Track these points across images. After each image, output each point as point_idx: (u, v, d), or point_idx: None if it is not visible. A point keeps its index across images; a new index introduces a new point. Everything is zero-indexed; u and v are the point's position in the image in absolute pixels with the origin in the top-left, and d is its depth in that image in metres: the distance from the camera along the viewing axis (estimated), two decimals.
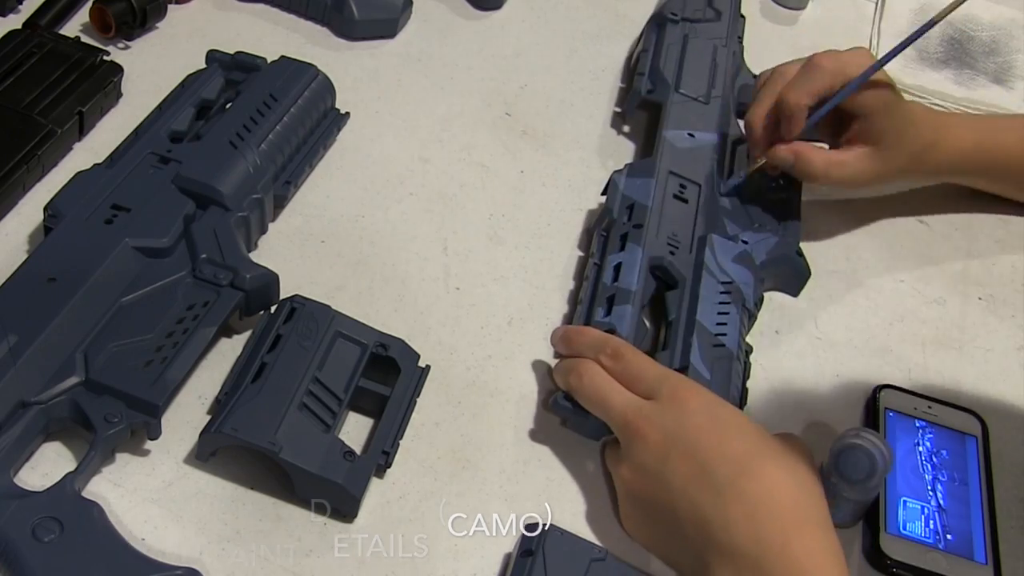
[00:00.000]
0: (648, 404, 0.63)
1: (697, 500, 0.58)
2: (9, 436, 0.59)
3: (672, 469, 0.60)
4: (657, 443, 0.61)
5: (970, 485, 0.69)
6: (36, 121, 0.77)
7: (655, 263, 0.74)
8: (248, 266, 0.68)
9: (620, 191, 0.79)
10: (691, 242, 0.76)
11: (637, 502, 0.63)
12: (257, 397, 0.62)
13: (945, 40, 1.08)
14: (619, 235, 0.76)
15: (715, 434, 0.60)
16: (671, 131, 0.84)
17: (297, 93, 0.80)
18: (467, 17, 1.00)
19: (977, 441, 0.72)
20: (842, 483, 0.64)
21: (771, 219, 0.80)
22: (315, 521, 0.62)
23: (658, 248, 0.75)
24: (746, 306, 0.73)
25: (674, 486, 0.59)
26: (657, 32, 0.95)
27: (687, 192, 0.80)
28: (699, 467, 0.59)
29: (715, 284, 0.73)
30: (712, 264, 0.74)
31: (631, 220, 0.76)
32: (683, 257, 0.75)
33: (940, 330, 0.81)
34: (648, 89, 0.89)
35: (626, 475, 0.63)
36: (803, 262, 0.79)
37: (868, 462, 0.63)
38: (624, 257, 0.74)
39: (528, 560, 0.59)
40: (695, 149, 0.83)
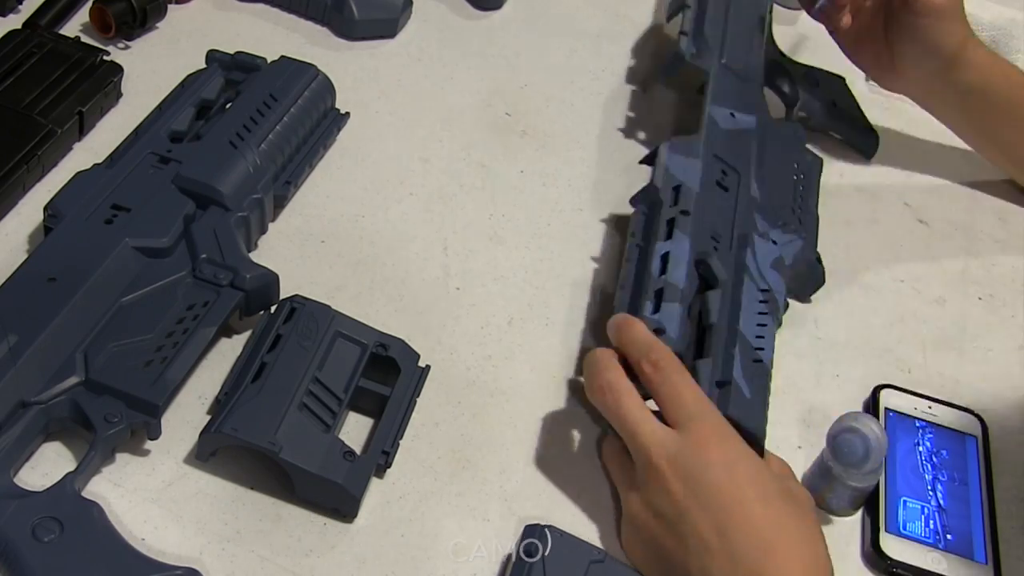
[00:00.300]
0: (672, 440, 0.61)
1: (710, 567, 0.57)
2: (9, 436, 0.59)
3: (690, 526, 0.58)
4: (677, 493, 0.59)
5: (970, 485, 0.69)
6: (36, 121, 0.77)
7: (699, 258, 0.70)
8: (248, 266, 0.69)
9: (666, 168, 0.74)
10: (731, 238, 0.72)
11: (644, 538, 0.61)
12: (257, 397, 0.62)
13: None
14: (666, 220, 0.72)
15: (737, 498, 0.59)
16: (716, 107, 0.78)
17: (297, 93, 0.80)
18: (467, 17, 1.00)
19: (977, 441, 0.72)
20: (838, 466, 0.65)
21: (791, 214, 0.77)
22: (315, 521, 0.62)
23: (703, 241, 0.71)
24: (777, 317, 0.70)
25: (689, 544, 0.58)
26: None
27: (728, 180, 0.75)
28: (718, 533, 0.58)
29: (755, 291, 0.70)
30: (753, 268, 0.70)
31: (678, 204, 0.72)
32: (724, 255, 0.71)
33: (940, 330, 0.81)
34: (692, 53, 0.81)
35: (637, 509, 0.62)
36: (821, 270, 0.77)
37: (863, 445, 0.64)
38: (672, 247, 0.70)
39: (527, 561, 0.59)
40: (737, 132, 0.78)
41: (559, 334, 0.75)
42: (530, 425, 0.69)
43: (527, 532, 0.61)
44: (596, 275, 0.79)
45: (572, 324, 0.76)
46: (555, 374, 0.72)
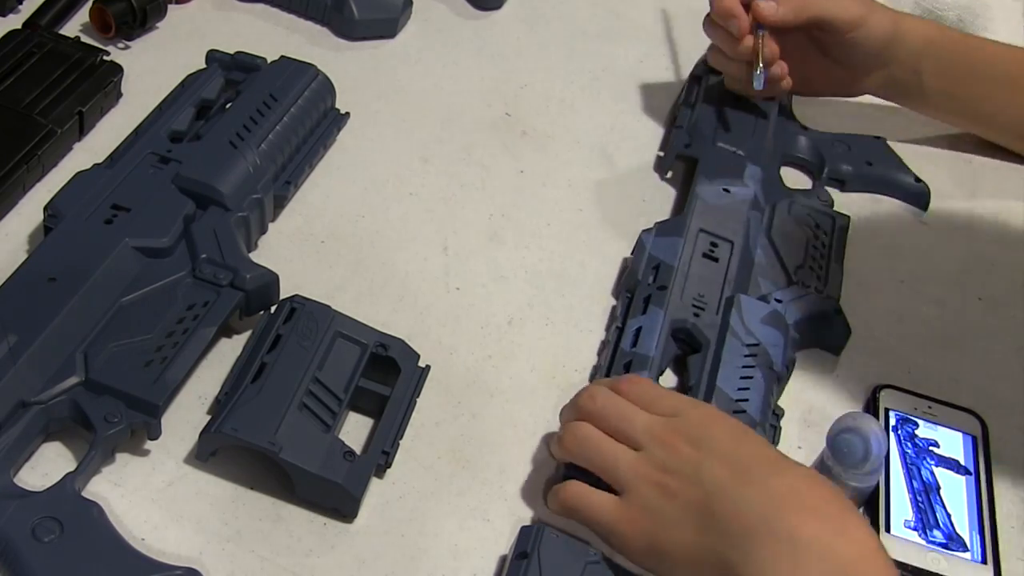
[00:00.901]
0: (674, 419, 0.62)
1: (740, 495, 0.57)
2: (9, 436, 0.59)
3: (708, 471, 0.58)
4: (688, 452, 0.60)
5: (969, 485, 0.69)
6: (36, 121, 0.77)
7: (678, 326, 0.72)
8: (248, 266, 0.69)
9: (647, 251, 0.77)
10: (718, 303, 0.74)
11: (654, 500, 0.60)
12: (257, 397, 0.62)
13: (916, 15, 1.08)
14: (642, 297, 0.74)
15: (747, 443, 0.60)
16: (704, 187, 0.82)
17: (297, 93, 0.80)
18: (467, 17, 1.00)
19: (976, 441, 0.72)
20: (838, 467, 0.65)
21: (809, 273, 0.78)
22: (315, 521, 0.62)
23: (682, 311, 0.73)
24: (773, 369, 0.70)
25: (710, 486, 0.58)
26: (699, 84, 0.92)
27: (718, 250, 0.77)
28: (738, 468, 0.58)
29: (740, 347, 0.70)
30: (738, 326, 0.71)
31: (656, 282, 0.75)
32: (708, 319, 0.73)
33: (940, 330, 0.81)
34: (685, 144, 0.87)
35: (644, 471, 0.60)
36: (842, 321, 0.76)
37: (863, 446, 0.64)
38: (644, 321, 0.72)
39: (523, 562, 0.59)
40: (730, 205, 0.81)
41: (559, 334, 0.75)
42: (530, 425, 0.69)
43: (523, 533, 0.61)
44: (596, 275, 0.79)
45: (572, 324, 0.76)
46: (555, 374, 0.72)
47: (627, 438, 0.62)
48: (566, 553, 0.59)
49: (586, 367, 0.73)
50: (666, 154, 0.88)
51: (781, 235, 0.80)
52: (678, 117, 0.90)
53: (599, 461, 0.62)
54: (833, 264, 0.80)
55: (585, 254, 0.81)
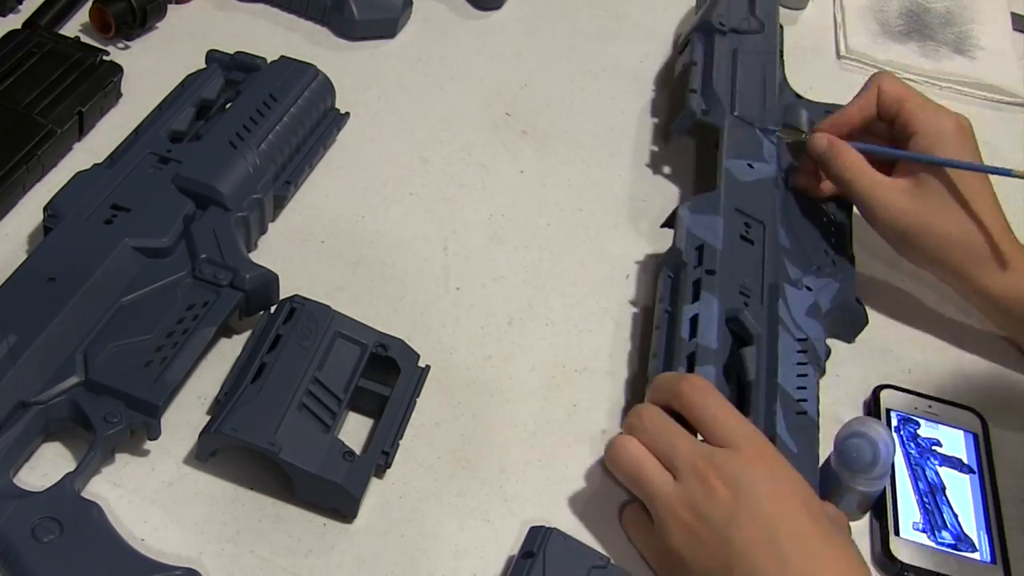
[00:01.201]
0: (721, 451, 0.60)
1: (758, 568, 0.56)
2: (9, 436, 0.59)
3: (737, 529, 0.57)
4: (724, 498, 0.58)
5: (974, 484, 0.69)
6: (36, 121, 0.77)
7: (730, 315, 0.69)
8: (248, 266, 0.68)
9: (687, 228, 0.73)
10: (761, 290, 0.71)
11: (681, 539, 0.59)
12: (257, 397, 0.62)
13: (904, 13, 1.09)
14: (691, 281, 0.70)
15: (784, 503, 0.58)
16: (732, 161, 0.78)
17: (297, 93, 0.80)
18: (467, 17, 1.00)
19: (978, 438, 0.72)
20: (845, 472, 0.64)
21: (824, 256, 0.76)
22: (315, 521, 0.62)
23: (732, 299, 0.69)
24: (820, 365, 0.69)
25: (735, 547, 0.57)
26: (705, 43, 0.88)
27: (752, 232, 0.74)
28: (767, 535, 0.57)
29: (792, 342, 0.68)
30: (787, 318, 0.69)
31: (702, 264, 0.71)
32: (755, 308, 0.69)
33: (940, 330, 0.81)
34: (703, 109, 0.82)
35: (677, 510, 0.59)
36: (862, 310, 0.75)
37: (871, 451, 0.63)
38: (700, 309, 0.68)
39: (528, 562, 0.59)
40: (757, 182, 0.77)
41: (559, 334, 0.75)
42: (530, 425, 0.69)
43: (530, 535, 0.61)
44: (596, 275, 0.79)
45: (572, 324, 0.76)
46: (555, 374, 0.72)
47: (670, 464, 0.61)
48: (572, 556, 0.59)
49: (586, 367, 0.73)
50: (681, 118, 0.83)
51: (799, 217, 0.78)
52: (689, 78, 0.85)
53: (636, 486, 0.62)
54: (845, 249, 0.78)
55: (585, 254, 0.81)
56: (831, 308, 0.73)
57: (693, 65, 0.86)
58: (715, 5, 0.91)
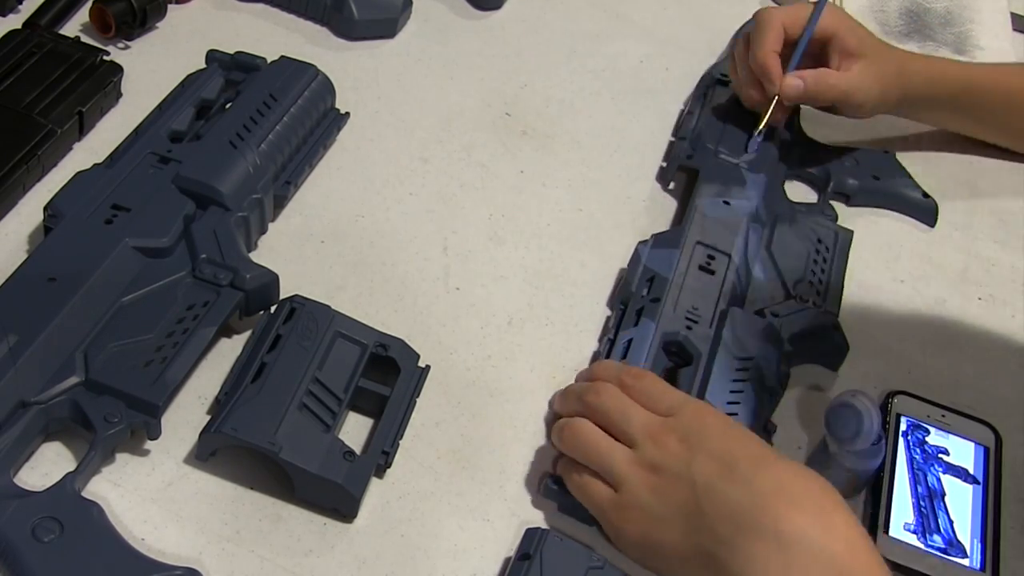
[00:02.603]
0: (670, 419, 0.63)
1: (727, 493, 0.58)
2: (9, 436, 0.59)
3: (697, 469, 0.60)
4: (678, 449, 0.61)
5: (975, 494, 0.69)
6: (36, 121, 0.77)
7: (669, 339, 0.72)
8: (248, 266, 0.69)
9: (642, 263, 0.77)
10: (712, 316, 0.73)
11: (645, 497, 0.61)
12: (257, 397, 0.62)
13: (904, 13, 1.09)
14: (635, 309, 0.74)
15: (736, 439, 0.61)
16: (705, 199, 0.82)
17: (297, 93, 0.80)
18: (467, 17, 1.00)
19: (988, 452, 0.71)
20: (834, 443, 0.65)
21: (808, 287, 0.77)
22: (315, 521, 0.62)
23: (674, 323, 0.73)
24: (765, 384, 0.70)
25: (699, 486, 0.59)
26: (704, 94, 0.93)
27: (715, 263, 0.77)
28: (726, 465, 0.59)
29: (731, 360, 0.70)
30: (730, 339, 0.71)
31: (649, 294, 0.75)
32: (701, 332, 0.72)
33: (940, 330, 0.81)
34: (687, 154, 0.87)
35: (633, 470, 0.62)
36: (841, 337, 0.76)
37: (856, 421, 0.64)
38: (635, 333, 0.72)
39: (525, 563, 0.59)
40: (729, 218, 0.80)
41: (559, 334, 0.75)
42: (530, 425, 0.69)
43: (527, 536, 0.61)
44: (596, 275, 0.79)
45: (572, 324, 0.76)
46: (555, 374, 0.72)
47: (624, 435, 0.64)
48: (569, 557, 0.59)
49: (586, 367, 0.73)
50: (668, 164, 0.88)
51: (781, 249, 0.80)
52: (681, 128, 0.91)
53: (595, 458, 0.64)
54: (834, 279, 0.79)
55: (585, 254, 0.81)
56: (799, 333, 0.74)
57: (688, 115, 0.92)
58: (721, 63, 0.97)
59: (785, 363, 0.72)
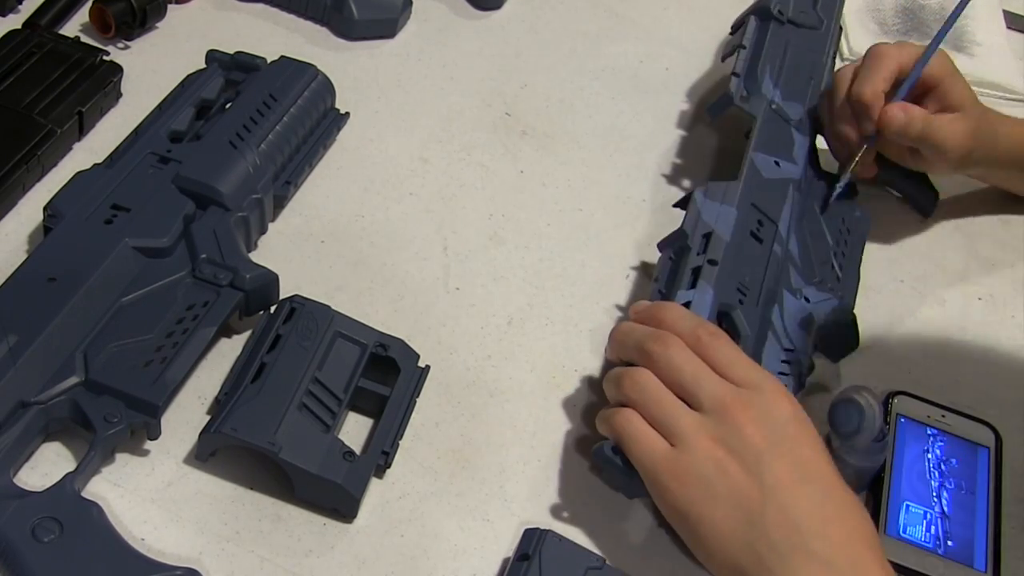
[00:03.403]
0: (745, 391, 0.60)
1: (794, 505, 0.57)
2: (9, 436, 0.59)
3: (769, 467, 0.58)
4: (754, 435, 0.58)
5: (977, 495, 0.69)
6: (36, 121, 0.77)
7: (723, 310, 0.68)
8: (248, 266, 0.68)
9: (699, 213, 0.71)
10: (759, 292, 0.69)
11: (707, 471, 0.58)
12: (257, 397, 0.62)
13: (900, 11, 1.09)
14: (691, 268, 0.69)
15: (812, 448, 0.59)
16: (761, 155, 0.76)
17: (297, 93, 0.80)
18: (467, 17, 1.00)
19: (989, 452, 0.71)
20: (836, 439, 0.66)
21: (830, 271, 0.74)
22: (315, 521, 0.62)
23: (728, 294, 0.68)
24: (802, 380, 0.68)
25: (767, 482, 0.57)
26: (758, 28, 0.85)
27: (763, 231, 0.72)
28: (801, 476, 0.58)
29: (779, 351, 0.67)
30: (779, 325, 0.68)
31: (706, 252, 0.70)
32: (750, 309, 0.68)
33: (940, 330, 0.81)
34: (743, 95, 0.80)
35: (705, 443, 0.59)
36: (855, 334, 0.74)
37: (858, 416, 0.64)
38: (694, 297, 0.67)
39: (524, 564, 0.59)
40: (779, 181, 0.75)
41: (559, 334, 0.75)
42: (530, 425, 0.69)
43: (526, 536, 0.61)
44: (596, 275, 0.79)
45: (572, 324, 0.76)
46: (555, 374, 0.72)
47: (693, 398, 0.60)
48: (568, 557, 0.59)
49: (586, 367, 0.73)
50: (720, 99, 0.81)
51: (813, 226, 0.77)
52: (736, 61, 0.83)
53: (659, 413, 0.60)
54: (850, 268, 0.77)
55: (585, 254, 0.81)
56: (823, 324, 0.72)
57: (742, 48, 0.84)
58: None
59: (810, 354, 0.70)
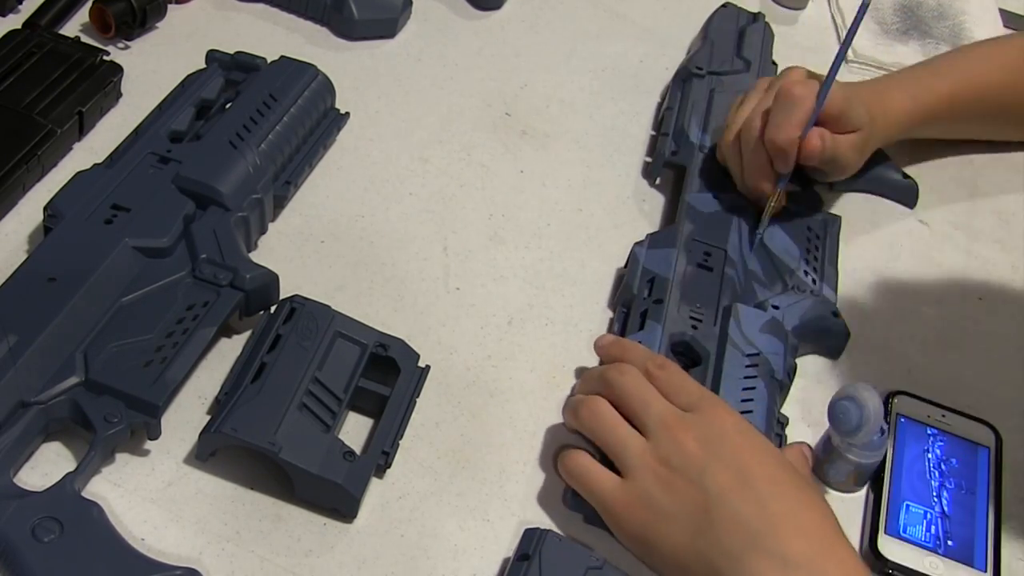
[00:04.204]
0: (689, 414, 0.63)
1: (739, 509, 0.58)
2: (9, 436, 0.59)
3: (712, 477, 0.59)
4: (695, 452, 0.61)
5: (978, 495, 0.69)
6: (36, 121, 0.77)
7: (677, 339, 0.72)
8: (248, 266, 0.68)
9: (640, 264, 0.76)
10: (716, 313, 0.73)
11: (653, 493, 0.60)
12: (257, 397, 0.62)
13: (898, 10, 1.09)
14: (639, 312, 0.73)
15: (754, 451, 0.61)
16: (695, 195, 0.81)
17: (297, 93, 0.80)
18: (467, 17, 1.00)
19: (989, 452, 0.71)
20: (836, 436, 0.66)
21: (803, 276, 0.78)
22: (315, 521, 0.62)
23: (680, 324, 0.72)
24: (776, 378, 0.70)
25: (712, 493, 0.59)
26: (682, 88, 0.91)
27: (712, 259, 0.77)
28: (742, 479, 0.59)
29: (740, 358, 0.70)
30: (737, 336, 0.71)
31: (651, 295, 0.74)
32: (707, 330, 0.72)
33: (940, 330, 0.81)
34: (672, 151, 0.86)
35: (647, 462, 0.61)
36: (841, 324, 0.76)
37: (858, 414, 0.65)
38: (643, 337, 0.71)
39: (524, 564, 0.59)
40: (721, 212, 0.80)
41: (559, 334, 0.75)
42: (530, 425, 0.69)
43: (526, 536, 0.61)
44: (596, 275, 0.79)
45: (572, 324, 0.76)
46: (555, 374, 0.73)
47: (639, 422, 0.63)
48: (568, 557, 0.59)
49: (586, 367, 0.73)
50: (654, 161, 0.88)
51: (773, 241, 0.80)
52: (663, 123, 0.90)
53: (609, 440, 0.64)
54: (828, 267, 0.80)
55: (585, 254, 0.81)
56: (800, 324, 0.74)
57: (668, 111, 0.90)
58: (695, 55, 0.95)
59: (791, 355, 0.73)
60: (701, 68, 0.92)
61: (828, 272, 0.79)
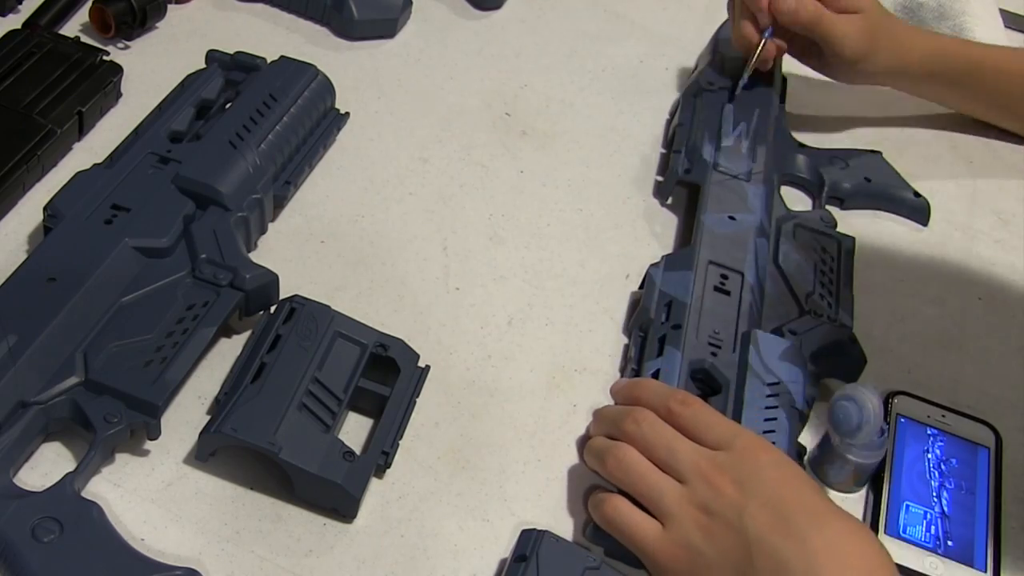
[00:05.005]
0: (720, 453, 0.61)
1: (779, 548, 0.57)
2: (9, 436, 0.59)
3: (750, 519, 0.58)
4: (733, 494, 0.59)
5: (977, 495, 0.69)
6: (36, 121, 0.77)
7: (696, 367, 0.70)
8: (248, 266, 0.69)
9: (657, 287, 0.74)
10: (734, 339, 0.71)
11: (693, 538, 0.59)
12: (257, 397, 0.62)
13: (899, 9, 1.09)
14: (657, 337, 0.72)
15: (791, 486, 0.60)
16: (710, 215, 0.79)
17: (297, 93, 0.80)
18: (467, 17, 1.00)
19: (989, 452, 0.71)
20: (836, 436, 0.66)
21: (819, 300, 0.76)
22: (315, 521, 0.62)
23: (699, 350, 0.70)
24: (796, 407, 0.68)
25: (751, 535, 0.58)
26: (693, 104, 0.90)
27: (729, 283, 0.75)
28: (780, 517, 0.58)
29: (761, 387, 0.68)
30: (757, 364, 0.69)
31: (669, 320, 0.72)
32: (726, 357, 0.70)
33: (940, 330, 0.81)
34: (685, 169, 0.84)
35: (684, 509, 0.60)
36: (858, 350, 0.74)
37: (858, 414, 0.65)
38: (662, 363, 0.70)
39: (521, 565, 0.59)
40: (736, 233, 0.78)
41: (559, 334, 0.75)
42: (530, 425, 0.69)
43: (523, 537, 0.61)
44: (596, 275, 0.79)
45: (572, 324, 0.76)
46: (555, 374, 0.73)
47: (672, 470, 0.62)
48: (565, 558, 0.59)
49: (586, 367, 0.73)
50: (666, 180, 0.86)
51: (788, 262, 0.79)
52: (675, 139, 0.88)
53: (644, 490, 0.62)
54: (843, 290, 0.78)
55: (585, 254, 0.81)
56: (818, 350, 0.73)
57: (680, 127, 0.89)
58: (704, 71, 0.94)
59: (811, 383, 0.71)
60: (712, 83, 0.91)
61: (844, 295, 0.77)
